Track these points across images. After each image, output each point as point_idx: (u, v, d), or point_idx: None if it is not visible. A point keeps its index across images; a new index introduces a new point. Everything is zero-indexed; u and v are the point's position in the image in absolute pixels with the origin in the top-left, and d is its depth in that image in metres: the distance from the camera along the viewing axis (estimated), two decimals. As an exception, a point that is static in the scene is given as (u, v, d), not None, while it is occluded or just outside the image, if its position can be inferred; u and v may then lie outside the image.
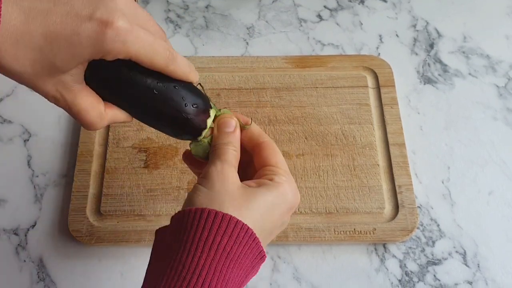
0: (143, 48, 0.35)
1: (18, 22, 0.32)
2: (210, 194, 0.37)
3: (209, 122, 0.42)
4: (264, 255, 0.38)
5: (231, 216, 0.35)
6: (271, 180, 0.39)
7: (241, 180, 0.40)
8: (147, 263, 0.39)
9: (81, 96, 0.36)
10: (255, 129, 0.43)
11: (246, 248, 0.36)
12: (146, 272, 0.38)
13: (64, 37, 0.32)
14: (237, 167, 0.40)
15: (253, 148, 0.42)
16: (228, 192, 0.37)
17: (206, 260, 0.34)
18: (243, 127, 0.43)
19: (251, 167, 0.43)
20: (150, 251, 0.38)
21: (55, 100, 0.36)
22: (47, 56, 0.33)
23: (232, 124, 0.41)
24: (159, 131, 0.43)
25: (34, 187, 0.59)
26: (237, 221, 0.36)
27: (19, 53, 0.32)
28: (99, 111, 0.38)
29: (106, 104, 0.39)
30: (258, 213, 0.37)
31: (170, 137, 0.60)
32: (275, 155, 0.41)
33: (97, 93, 0.38)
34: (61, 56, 0.33)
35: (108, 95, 0.39)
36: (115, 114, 0.39)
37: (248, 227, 0.36)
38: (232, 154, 0.40)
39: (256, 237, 0.37)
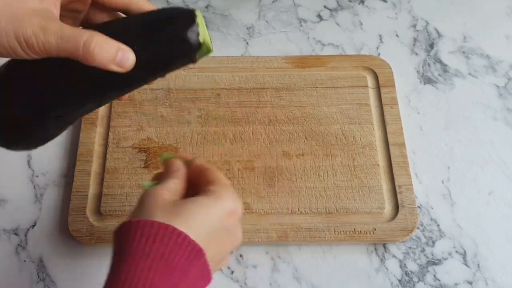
0: None
1: None
2: (138, 209, 0.39)
3: (198, 15, 0.39)
4: (200, 249, 0.37)
5: (140, 219, 0.37)
6: (207, 190, 0.41)
7: None
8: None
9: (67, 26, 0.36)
10: (198, 162, 0.45)
11: (171, 246, 0.36)
12: None
13: None
14: (176, 195, 0.42)
15: (199, 177, 0.43)
16: (156, 204, 0.38)
17: (130, 267, 0.35)
18: (188, 163, 0.45)
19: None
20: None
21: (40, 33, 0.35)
22: None
23: (176, 164, 0.44)
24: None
25: (34, 187, 0.59)
26: (153, 222, 0.36)
27: None
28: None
29: None
30: (188, 219, 0.38)
31: (170, 137, 0.60)
32: (214, 174, 0.43)
33: None
34: None
35: None
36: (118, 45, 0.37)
37: (168, 225, 0.36)
38: (172, 183, 0.42)
39: (181, 232, 0.36)
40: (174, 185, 0.42)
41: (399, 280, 0.54)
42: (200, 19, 0.39)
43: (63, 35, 0.35)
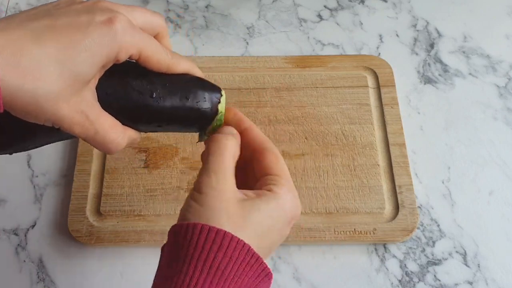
0: (147, 42, 0.36)
1: (31, 43, 0.31)
2: (204, 211, 0.35)
3: (220, 107, 0.41)
4: (269, 272, 0.36)
5: (225, 231, 0.33)
6: (270, 190, 0.37)
7: (239, 180, 0.38)
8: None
9: (103, 114, 0.36)
10: (257, 133, 0.41)
11: (244, 266, 0.34)
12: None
13: (77, 43, 0.32)
14: (233, 171, 0.38)
15: (254, 152, 0.40)
16: (223, 209, 0.35)
17: (198, 280, 0.32)
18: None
19: (251, 167, 0.41)
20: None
21: (80, 126, 0.34)
22: (68, 66, 0.32)
23: (232, 131, 0.40)
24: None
25: (34, 187, 0.59)
26: (232, 237, 0.33)
27: (43, 71, 0.31)
28: (121, 127, 0.37)
29: None
30: (256, 231, 0.35)
31: (170, 137, 0.60)
32: (277, 163, 0.39)
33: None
34: (80, 60, 0.32)
35: (119, 112, 0.38)
36: (130, 133, 0.39)
37: (245, 243, 0.34)
38: (229, 161, 0.38)
39: (255, 253, 0.34)
40: (230, 163, 0.37)
41: (399, 280, 0.54)
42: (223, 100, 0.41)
43: (97, 133, 0.36)
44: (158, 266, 0.37)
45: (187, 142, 0.60)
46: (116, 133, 0.37)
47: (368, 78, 0.65)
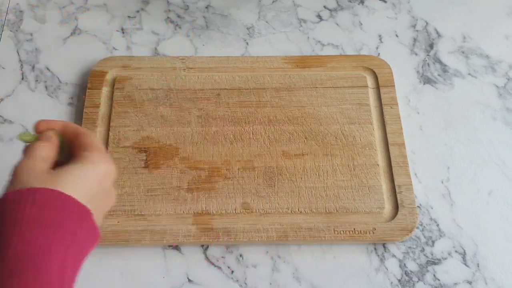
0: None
1: None
2: (15, 182, 0.39)
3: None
4: (88, 211, 0.39)
5: (30, 188, 0.37)
6: (80, 157, 0.42)
7: None
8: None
9: None
10: (71, 127, 0.45)
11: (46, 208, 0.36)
12: None
13: None
14: (48, 161, 0.42)
15: (74, 140, 0.44)
16: (32, 175, 0.39)
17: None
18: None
19: None
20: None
21: None
22: None
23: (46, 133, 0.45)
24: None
25: (35, 187, 0.59)
26: (39, 189, 0.37)
27: None
28: None
29: None
30: (69, 184, 0.39)
31: (170, 137, 0.60)
32: (87, 139, 0.44)
33: None
34: None
35: None
36: None
37: (56, 191, 0.37)
38: (40, 150, 0.42)
39: (69, 197, 0.37)
40: (44, 152, 0.42)
41: (399, 280, 0.54)
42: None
43: None
44: None
45: (187, 142, 0.60)
46: None
47: (368, 78, 0.65)
